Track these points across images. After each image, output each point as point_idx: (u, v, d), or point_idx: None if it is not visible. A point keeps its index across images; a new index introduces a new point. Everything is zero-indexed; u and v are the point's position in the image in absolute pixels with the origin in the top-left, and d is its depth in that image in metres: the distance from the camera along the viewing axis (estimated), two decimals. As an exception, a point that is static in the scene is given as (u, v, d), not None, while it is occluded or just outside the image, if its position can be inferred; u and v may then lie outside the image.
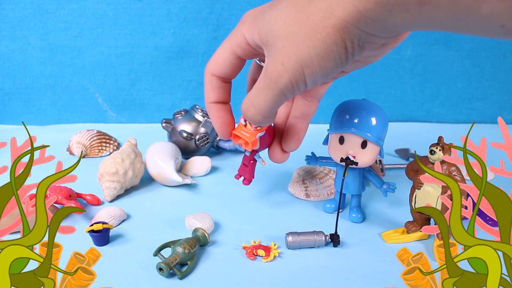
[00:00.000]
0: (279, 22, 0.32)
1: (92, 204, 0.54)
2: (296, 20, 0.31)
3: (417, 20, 0.27)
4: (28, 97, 0.87)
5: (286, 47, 0.32)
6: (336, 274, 0.41)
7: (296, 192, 0.58)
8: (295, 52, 0.31)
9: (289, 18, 0.31)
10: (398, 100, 0.93)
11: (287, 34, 0.32)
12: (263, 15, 0.34)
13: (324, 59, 0.31)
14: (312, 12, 0.30)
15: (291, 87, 0.33)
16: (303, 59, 0.31)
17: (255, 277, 0.41)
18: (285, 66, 0.32)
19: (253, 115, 0.37)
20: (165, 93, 0.89)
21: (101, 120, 0.89)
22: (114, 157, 0.56)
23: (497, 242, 0.31)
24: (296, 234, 0.45)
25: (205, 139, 0.67)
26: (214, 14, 0.84)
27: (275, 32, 0.33)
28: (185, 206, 0.54)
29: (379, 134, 0.45)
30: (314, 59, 0.31)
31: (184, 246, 0.42)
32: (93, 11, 0.83)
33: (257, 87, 0.35)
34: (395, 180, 0.51)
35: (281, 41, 0.32)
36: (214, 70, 0.41)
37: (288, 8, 0.32)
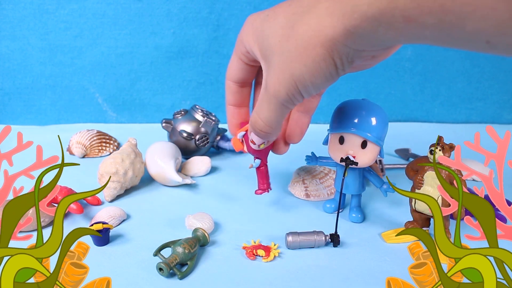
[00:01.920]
0: (275, 39, 0.34)
1: (92, 204, 0.54)
2: (289, 37, 0.33)
3: (404, 36, 0.28)
4: (28, 97, 0.87)
5: (281, 64, 0.34)
6: (336, 274, 0.41)
7: (296, 192, 0.58)
8: (288, 68, 0.33)
9: (284, 35, 0.33)
10: (398, 100, 0.93)
11: (282, 51, 0.33)
12: (262, 27, 0.36)
13: (315, 76, 0.33)
14: (303, 30, 0.31)
15: (289, 100, 0.35)
16: (295, 75, 0.33)
17: (255, 277, 0.41)
18: (280, 82, 0.34)
19: (262, 127, 0.39)
20: (165, 93, 0.89)
21: (101, 120, 0.89)
22: (114, 157, 0.56)
23: (486, 248, 0.31)
24: (296, 234, 0.45)
25: (205, 139, 0.67)
26: (214, 14, 0.84)
27: (271, 48, 0.34)
28: (185, 206, 0.54)
29: (379, 134, 0.45)
30: (305, 76, 0.33)
31: (184, 246, 0.42)
32: (93, 11, 0.83)
33: (260, 101, 0.38)
34: (395, 180, 0.51)
35: (277, 58, 0.34)
36: (230, 76, 0.43)
37: (283, 24, 0.33)
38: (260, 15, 0.37)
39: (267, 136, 0.40)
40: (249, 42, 0.37)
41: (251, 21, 0.37)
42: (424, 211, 0.46)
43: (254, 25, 0.37)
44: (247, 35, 0.37)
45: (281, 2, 0.35)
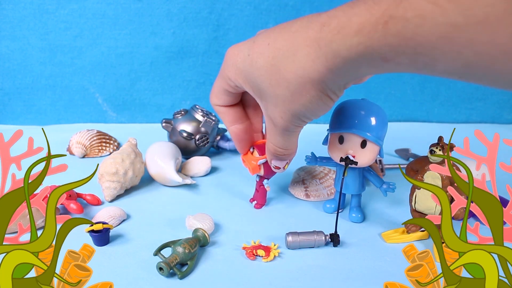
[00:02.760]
0: (265, 83, 0.36)
1: (92, 204, 0.54)
2: (279, 83, 0.35)
3: (385, 70, 0.30)
4: (28, 97, 0.87)
5: (280, 104, 0.36)
6: (336, 274, 0.41)
7: (296, 192, 0.58)
8: (288, 109, 0.36)
9: (273, 80, 0.35)
10: (398, 100, 0.93)
11: (276, 95, 0.36)
12: (246, 69, 0.37)
13: (315, 111, 0.36)
14: (291, 78, 0.34)
15: (297, 127, 0.39)
16: (297, 113, 0.36)
17: (255, 277, 0.41)
18: (284, 119, 0.37)
19: (282, 152, 0.43)
20: (165, 93, 0.89)
21: (101, 120, 0.89)
22: (114, 157, 0.56)
23: (491, 245, 0.31)
24: (296, 234, 0.45)
25: (205, 139, 0.67)
26: (214, 14, 0.84)
27: (264, 91, 0.37)
28: (185, 206, 0.54)
29: (378, 133, 0.46)
30: (306, 112, 0.36)
31: (184, 246, 0.42)
32: (93, 11, 0.82)
33: (272, 133, 0.41)
34: (395, 180, 0.51)
35: (273, 100, 0.36)
36: (216, 102, 0.45)
37: (266, 68, 0.35)
38: (240, 54, 0.38)
39: (289, 156, 0.44)
40: (237, 81, 0.39)
41: (232, 61, 0.39)
42: (424, 211, 0.46)
43: (238, 66, 0.38)
44: (234, 75, 0.39)
45: (257, 37, 0.37)
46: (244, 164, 0.51)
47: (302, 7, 0.84)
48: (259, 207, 0.54)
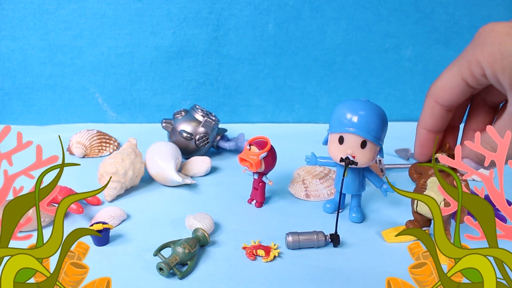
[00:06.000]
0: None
1: (92, 204, 0.54)
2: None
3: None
4: (28, 97, 0.87)
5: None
6: (336, 274, 0.41)
7: (296, 192, 0.58)
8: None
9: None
10: (398, 100, 0.93)
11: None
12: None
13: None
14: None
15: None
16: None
17: (255, 277, 0.41)
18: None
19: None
20: (165, 93, 0.89)
21: (101, 120, 0.89)
22: (114, 157, 0.56)
23: (486, 248, 0.31)
24: (296, 234, 0.45)
25: (205, 139, 0.67)
26: (214, 14, 0.84)
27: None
28: (185, 206, 0.54)
29: (378, 134, 0.45)
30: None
31: (184, 246, 0.42)
32: (93, 11, 0.82)
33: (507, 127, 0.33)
34: (395, 180, 0.51)
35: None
36: (439, 98, 0.37)
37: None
38: (504, 28, 0.30)
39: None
40: (491, 65, 0.31)
41: (493, 41, 0.31)
42: (426, 214, 0.46)
43: (503, 48, 0.30)
44: (490, 58, 0.31)
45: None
46: (243, 163, 0.51)
47: (302, 7, 0.84)
48: (260, 206, 0.54)
